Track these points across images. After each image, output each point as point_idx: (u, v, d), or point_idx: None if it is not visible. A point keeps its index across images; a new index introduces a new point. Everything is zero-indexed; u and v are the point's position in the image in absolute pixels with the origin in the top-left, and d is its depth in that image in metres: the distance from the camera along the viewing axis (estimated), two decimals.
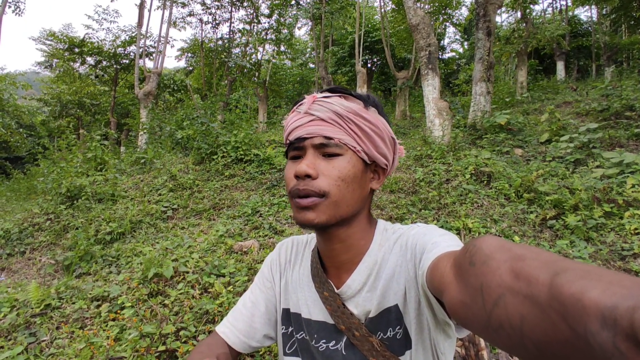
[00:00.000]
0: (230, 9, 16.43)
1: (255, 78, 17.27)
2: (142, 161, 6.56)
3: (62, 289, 2.79)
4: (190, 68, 20.72)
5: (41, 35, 16.26)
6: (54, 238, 4.31)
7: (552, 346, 0.27)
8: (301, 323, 0.73)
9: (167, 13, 13.34)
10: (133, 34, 16.20)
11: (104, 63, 17.76)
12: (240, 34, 17.42)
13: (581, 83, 13.47)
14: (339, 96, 0.67)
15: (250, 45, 17.40)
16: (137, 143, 10.58)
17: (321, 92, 0.68)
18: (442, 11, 15.75)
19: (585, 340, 0.24)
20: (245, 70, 16.68)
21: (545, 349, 0.28)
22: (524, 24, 13.88)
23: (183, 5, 15.44)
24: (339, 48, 18.68)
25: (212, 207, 4.68)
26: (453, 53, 23.36)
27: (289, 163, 0.68)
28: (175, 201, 4.83)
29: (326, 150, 0.64)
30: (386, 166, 0.71)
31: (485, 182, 4.66)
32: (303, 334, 0.72)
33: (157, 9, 13.60)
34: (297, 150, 0.66)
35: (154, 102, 12.44)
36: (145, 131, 9.48)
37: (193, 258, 3.08)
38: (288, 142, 0.68)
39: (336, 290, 0.69)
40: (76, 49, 16.71)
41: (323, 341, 0.69)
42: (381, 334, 0.65)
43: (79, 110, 19.35)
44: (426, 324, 0.62)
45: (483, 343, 1.23)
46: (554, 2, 18.80)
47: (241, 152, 6.01)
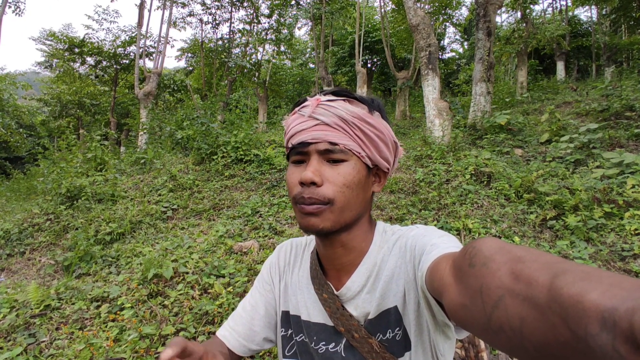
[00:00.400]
0: (230, 9, 16.44)
1: (255, 78, 17.28)
2: (142, 161, 6.56)
3: (62, 290, 2.79)
4: (190, 68, 20.73)
5: (41, 35, 16.27)
6: (54, 238, 4.30)
7: (552, 348, 0.27)
8: (301, 325, 0.73)
9: (167, 13, 13.35)
10: (133, 34, 16.21)
11: (104, 63, 17.76)
12: (240, 34, 17.42)
13: (581, 83, 13.47)
14: (344, 100, 0.65)
15: (250, 45, 17.40)
16: (137, 143, 10.58)
17: (324, 95, 0.67)
18: (442, 11, 15.76)
19: (585, 342, 0.24)
20: (245, 70, 16.68)
21: (545, 351, 0.28)
22: (524, 24, 13.87)
23: (183, 5, 15.44)
24: (339, 48, 18.68)
25: (212, 208, 4.68)
26: (453, 53, 23.37)
27: (292, 167, 0.67)
28: (175, 201, 4.83)
29: (331, 156, 0.63)
30: (387, 169, 0.71)
31: (485, 183, 4.66)
32: (302, 336, 0.72)
33: (157, 9, 13.62)
34: (301, 154, 0.65)
35: (154, 102, 12.44)
36: (145, 131, 9.48)
37: (193, 259, 3.08)
38: (290, 146, 0.67)
39: (335, 292, 0.69)
40: (76, 49, 16.71)
41: (322, 343, 0.69)
42: (380, 336, 0.65)
43: (79, 110, 19.35)
44: (425, 326, 0.62)
45: (483, 344, 1.23)
46: (554, 2, 18.81)
47: (241, 153, 6.01)
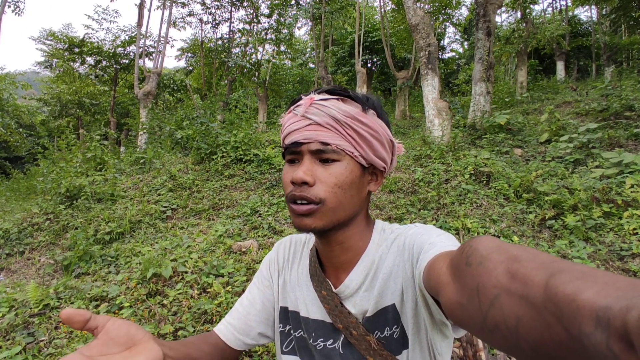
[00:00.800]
0: (230, 9, 16.44)
1: (255, 78, 17.28)
2: (142, 161, 6.56)
3: (61, 289, 2.79)
4: (190, 68, 20.73)
5: (41, 35, 16.27)
6: (53, 238, 4.31)
7: (548, 347, 0.27)
8: (299, 321, 0.73)
9: (167, 13, 13.35)
10: (133, 34, 16.21)
11: (104, 63, 17.77)
12: (240, 34, 17.42)
13: (581, 83, 13.47)
14: (337, 99, 0.65)
15: (250, 45, 17.40)
16: (137, 143, 10.58)
17: (318, 93, 0.66)
18: (442, 11, 15.75)
19: (579, 341, 0.24)
20: (245, 70, 16.68)
21: (540, 350, 0.28)
22: (524, 24, 13.88)
23: (183, 5, 15.45)
24: (339, 48, 18.68)
25: (212, 207, 4.68)
26: (453, 53, 23.37)
27: (287, 166, 0.68)
28: (174, 201, 4.83)
29: (323, 156, 0.63)
30: (384, 168, 0.70)
31: (484, 182, 4.66)
32: (301, 332, 0.73)
33: (157, 9, 13.62)
34: (294, 154, 0.66)
35: (154, 102, 12.44)
36: (144, 131, 9.48)
37: (192, 258, 3.08)
38: (285, 145, 0.67)
39: (334, 289, 0.70)
40: (76, 49, 16.72)
41: (321, 339, 0.69)
42: (378, 333, 0.65)
43: (79, 110, 19.35)
44: (423, 324, 0.62)
45: (481, 344, 1.23)
46: (554, 2, 18.82)
47: (241, 152, 6.01)
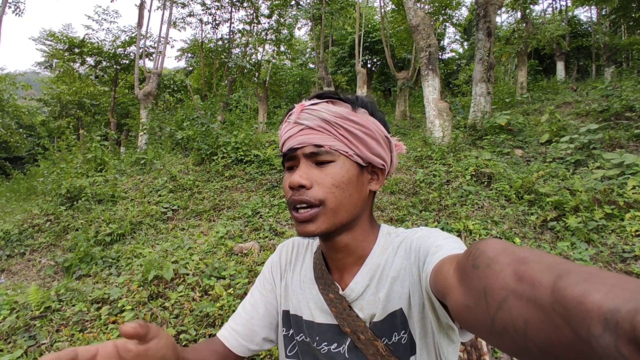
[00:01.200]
0: (230, 10, 16.43)
1: (255, 78, 17.28)
2: (142, 162, 6.55)
3: (62, 291, 2.79)
4: (190, 68, 20.72)
5: (41, 35, 16.26)
6: (54, 239, 4.30)
7: (556, 349, 0.27)
8: (301, 325, 0.73)
9: (167, 13, 13.33)
10: (133, 35, 16.19)
11: (104, 63, 17.75)
12: (240, 35, 17.42)
13: (581, 83, 13.47)
14: (327, 102, 0.67)
15: (250, 45, 17.39)
16: (137, 143, 10.57)
17: (309, 100, 0.69)
18: (442, 11, 15.75)
19: (588, 343, 0.24)
20: (245, 70, 16.67)
21: (549, 352, 0.28)
22: (524, 25, 13.87)
23: (183, 5, 15.43)
24: (339, 48, 18.68)
25: (212, 208, 4.67)
26: (453, 53, 23.35)
27: (286, 174, 0.69)
28: (175, 202, 4.83)
29: (318, 158, 0.64)
30: (383, 166, 0.70)
31: (485, 184, 4.66)
32: (303, 336, 0.72)
33: (157, 10, 13.63)
34: (291, 160, 0.67)
35: (154, 103, 12.43)
36: (145, 132, 9.48)
37: (193, 260, 3.08)
38: (283, 153, 0.69)
39: (341, 292, 0.69)
40: (76, 49, 16.70)
41: (325, 344, 0.69)
42: (386, 340, 0.64)
43: (79, 110, 19.35)
44: (430, 328, 0.62)
45: (485, 348, 1.23)
46: (554, 3, 18.82)
47: (241, 153, 6.01)
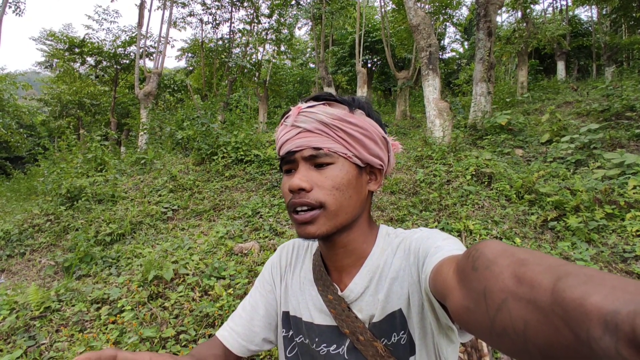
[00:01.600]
0: (230, 9, 16.43)
1: (255, 78, 17.28)
2: (142, 162, 6.55)
3: (62, 291, 2.79)
4: (190, 68, 20.71)
5: (41, 35, 16.26)
6: (54, 239, 4.30)
7: (556, 351, 0.27)
8: (301, 327, 0.73)
9: (167, 13, 13.33)
10: (133, 34, 16.19)
11: (104, 63, 17.75)
12: (240, 34, 17.42)
13: (582, 83, 13.46)
14: (323, 104, 0.67)
15: (250, 45, 17.39)
16: (138, 143, 10.57)
17: (305, 102, 0.68)
18: (443, 11, 15.74)
19: (588, 345, 0.24)
20: (245, 70, 16.67)
21: (549, 354, 0.28)
22: (525, 24, 13.85)
23: (183, 5, 15.43)
24: (339, 48, 18.66)
25: (213, 208, 4.67)
26: (453, 53, 23.34)
27: (284, 177, 0.69)
28: (175, 202, 4.83)
29: (317, 160, 0.64)
30: (381, 166, 0.70)
31: (486, 183, 4.65)
32: (302, 338, 0.72)
33: (157, 9, 13.61)
34: (290, 163, 0.67)
35: (154, 103, 12.43)
36: (145, 131, 9.48)
37: (193, 260, 3.07)
38: (280, 157, 0.69)
39: (340, 293, 0.69)
40: (76, 49, 16.71)
41: (324, 345, 0.69)
42: (385, 340, 0.64)
43: (79, 110, 19.35)
44: (429, 329, 0.62)
45: (485, 349, 1.22)
46: (555, 2, 18.80)
47: (241, 153, 6.00)
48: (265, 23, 16.93)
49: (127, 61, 17.56)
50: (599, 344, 0.23)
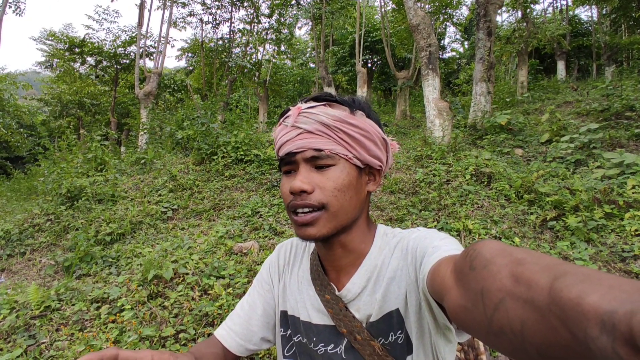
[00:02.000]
0: (230, 9, 16.43)
1: (255, 78, 17.28)
2: (143, 161, 6.56)
3: (62, 291, 2.79)
4: (190, 68, 20.71)
5: (41, 35, 16.27)
6: (54, 239, 4.31)
7: (553, 351, 0.27)
8: (298, 326, 0.73)
9: (167, 13, 13.33)
10: (133, 34, 16.20)
11: (104, 63, 17.76)
12: (240, 34, 17.42)
13: (582, 83, 13.46)
14: (324, 105, 0.66)
15: (250, 45, 17.40)
16: (138, 143, 10.58)
17: (305, 102, 0.68)
18: (443, 11, 15.73)
19: (585, 345, 0.24)
20: (245, 70, 16.67)
21: (546, 353, 0.28)
22: (525, 24, 13.85)
23: (183, 5, 15.44)
24: (340, 48, 18.66)
25: (212, 208, 4.68)
26: (453, 53, 23.34)
27: (284, 178, 0.68)
28: (175, 202, 4.83)
29: (318, 162, 0.64)
30: (380, 167, 0.70)
31: (485, 183, 4.65)
32: (300, 337, 0.72)
33: (157, 9, 13.61)
34: (289, 164, 0.66)
35: (155, 102, 12.44)
36: (145, 131, 9.49)
37: (193, 259, 3.08)
38: (279, 157, 0.68)
39: (337, 293, 0.69)
40: (76, 49, 16.71)
41: (322, 344, 0.69)
42: (382, 340, 0.65)
43: (80, 110, 19.35)
44: (427, 329, 0.62)
45: (482, 347, 1.23)
46: (555, 2, 18.80)
47: (241, 153, 6.01)
48: (265, 23, 16.95)
49: (127, 61, 17.57)
50: (596, 344, 0.23)
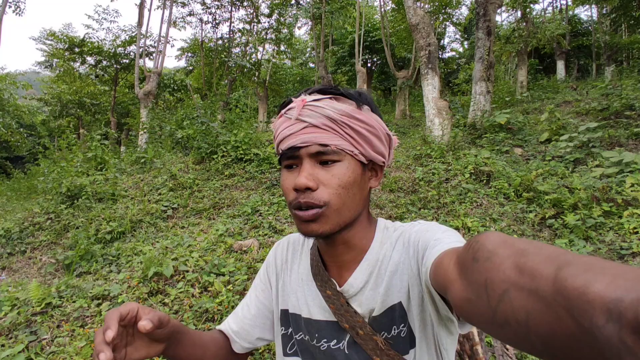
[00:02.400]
0: (230, 9, 16.44)
1: (255, 78, 17.28)
2: (142, 161, 6.57)
3: (63, 288, 2.81)
4: (190, 68, 20.73)
5: (41, 35, 16.27)
6: (55, 237, 4.32)
7: (559, 340, 0.27)
8: (300, 323, 0.72)
9: (167, 13, 13.34)
10: (133, 34, 16.20)
11: (104, 63, 17.75)
12: (240, 34, 17.43)
13: (581, 82, 13.46)
14: (330, 98, 0.63)
15: (250, 44, 17.40)
16: (138, 143, 10.59)
17: (310, 94, 0.65)
18: (442, 10, 15.74)
19: (591, 334, 0.24)
20: (245, 69, 16.68)
21: (551, 344, 0.28)
22: (524, 23, 13.87)
23: (183, 5, 15.45)
24: (339, 47, 18.69)
25: (212, 207, 4.69)
26: (453, 52, 23.37)
27: (285, 172, 0.66)
28: (175, 200, 4.85)
29: (323, 157, 0.61)
30: (383, 163, 0.69)
31: (484, 182, 4.67)
32: (302, 335, 0.72)
33: (157, 9, 13.62)
34: (292, 159, 0.64)
35: (154, 102, 12.43)
36: (145, 131, 9.50)
37: (193, 257, 3.09)
38: (280, 151, 0.66)
39: (339, 288, 0.69)
40: (76, 49, 16.71)
41: (324, 340, 0.69)
42: (385, 334, 0.64)
43: (79, 110, 19.35)
44: (429, 321, 0.62)
45: (477, 337, 1.24)
46: (554, 2, 18.82)
47: (241, 152, 6.02)
48: (265, 22, 16.96)
49: (127, 61, 17.56)
50: (602, 332, 0.23)
